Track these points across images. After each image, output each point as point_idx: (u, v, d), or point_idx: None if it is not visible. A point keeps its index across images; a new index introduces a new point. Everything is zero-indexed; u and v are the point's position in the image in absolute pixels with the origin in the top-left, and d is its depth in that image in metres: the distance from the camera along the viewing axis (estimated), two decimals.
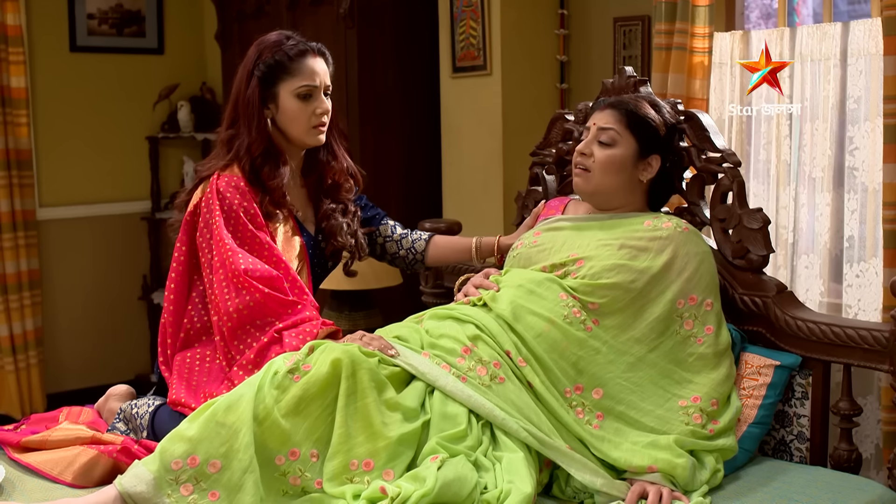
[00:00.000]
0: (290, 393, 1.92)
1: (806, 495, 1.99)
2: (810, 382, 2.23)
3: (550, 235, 2.37)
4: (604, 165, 2.28)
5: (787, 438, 2.28)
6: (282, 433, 1.88)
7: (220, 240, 2.31)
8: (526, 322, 2.13)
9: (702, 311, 2.18)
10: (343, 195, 2.57)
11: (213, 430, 1.86)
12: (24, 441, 2.29)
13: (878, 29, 2.93)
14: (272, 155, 2.41)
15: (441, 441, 1.91)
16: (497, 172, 3.79)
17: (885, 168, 2.79)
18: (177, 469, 1.82)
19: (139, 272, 5.27)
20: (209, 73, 5.36)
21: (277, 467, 1.87)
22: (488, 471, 1.90)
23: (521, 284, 2.22)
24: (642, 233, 2.24)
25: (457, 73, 3.89)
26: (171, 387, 2.31)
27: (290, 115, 2.41)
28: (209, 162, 2.48)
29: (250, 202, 2.36)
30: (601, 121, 2.30)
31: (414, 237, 2.72)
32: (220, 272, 2.30)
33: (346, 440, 1.90)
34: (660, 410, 2.10)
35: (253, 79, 2.40)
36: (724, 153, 2.35)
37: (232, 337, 2.26)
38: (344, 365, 1.95)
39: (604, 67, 3.76)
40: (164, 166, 5.29)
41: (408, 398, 2.00)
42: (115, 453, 2.13)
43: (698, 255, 2.22)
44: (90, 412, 2.55)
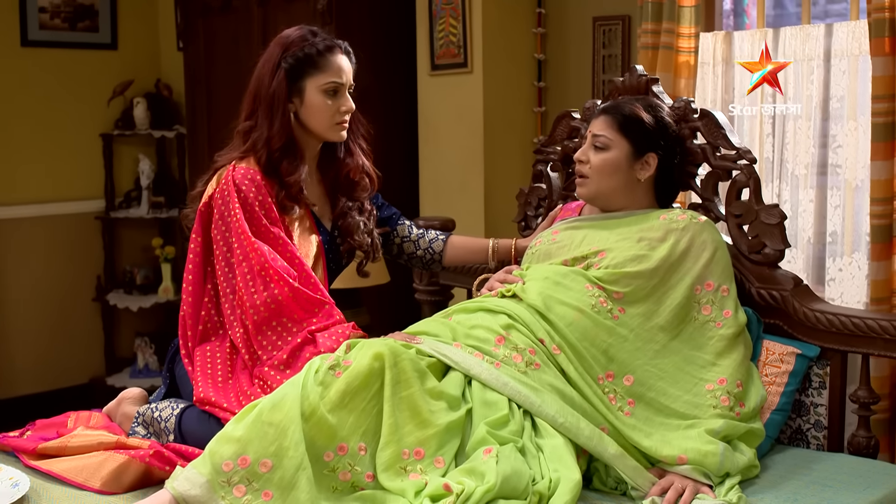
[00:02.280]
0: (334, 388, 1.92)
1: (837, 481, 2.06)
2: (828, 372, 2.30)
3: (569, 233, 2.41)
4: (599, 169, 2.35)
5: (804, 427, 2.35)
6: (329, 428, 1.88)
7: (242, 232, 2.28)
8: (556, 312, 2.17)
9: (719, 297, 2.24)
10: (359, 193, 2.56)
11: (261, 430, 1.85)
12: (42, 448, 2.23)
13: (861, 30, 3.03)
14: (291, 149, 2.39)
15: (490, 429, 1.92)
16: (478, 170, 3.81)
17: (872, 165, 2.89)
18: (228, 471, 1.80)
19: (93, 273, 5.14)
20: (164, 70, 5.26)
21: (326, 464, 1.87)
22: (534, 458, 1.93)
23: (547, 276, 2.26)
24: (659, 225, 2.31)
25: (435, 71, 3.89)
26: (196, 384, 2.26)
27: (314, 111, 2.39)
28: (225, 153, 2.45)
29: (266, 195, 2.34)
30: (595, 128, 2.37)
31: (430, 237, 2.73)
32: (243, 265, 2.27)
33: (395, 430, 1.91)
34: (688, 395, 2.14)
35: (279, 71, 2.37)
36: (740, 150, 2.41)
37: (257, 331, 2.24)
38: (386, 356, 1.96)
39: (582, 66, 3.81)
40: (119, 164, 5.18)
41: (450, 386, 2.02)
42: (148, 458, 2.09)
43: (713, 243, 2.28)
44: (100, 416, 2.49)
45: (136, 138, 5.12)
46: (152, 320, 5.27)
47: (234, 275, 2.30)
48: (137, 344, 5.17)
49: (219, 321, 2.37)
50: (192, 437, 2.20)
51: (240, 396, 2.20)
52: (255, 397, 2.17)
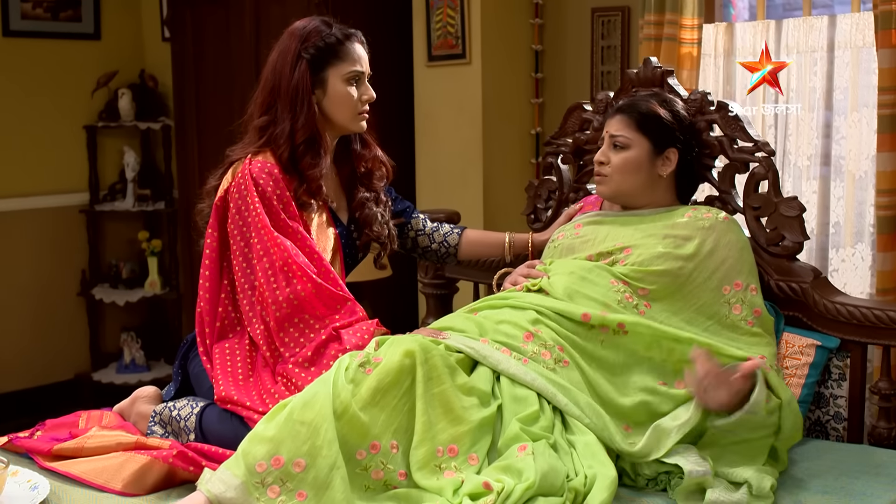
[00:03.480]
0: (365, 385, 1.90)
1: (865, 473, 2.06)
2: (848, 364, 2.31)
3: (592, 228, 2.40)
4: (620, 168, 2.34)
5: (824, 419, 2.36)
6: (361, 426, 1.85)
7: (263, 226, 2.25)
8: (584, 306, 2.15)
9: (748, 296, 2.23)
10: (376, 183, 2.54)
11: (293, 429, 1.82)
12: (57, 449, 2.18)
13: (864, 22, 3.05)
14: (315, 143, 2.36)
15: (522, 425, 1.91)
16: (476, 162, 3.79)
17: (878, 157, 2.91)
18: (261, 471, 1.78)
19: (77, 267, 5.06)
20: (148, 60, 5.17)
21: (359, 462, 1.84)
22: (567, 454, 1.92)
23: (572, 271, 2.25)
24: (684, 223, 2.30)
25: (432, 62, 3.86)
26: (217, 382, 2.23)
27: (338, 101, 2.36)
28: (239, 148, 2.41)
29: (283, 190, 2.30)
30: (612, 128, 2.36)
31: (445, 231, 2.71)
32: (264, 260, 2.24)
33: (429, 427, 1.89)
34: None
35: (301, 62, 2.33)
36: (758, 143, 2.41)
37: (279, 328, 2.21)
38: (417, 353, 1.94)
39: (580, 57, 3.80)
40: (103, 156, 5.09)
41: (480, 381, 2.00)
42: (172, 458, 2.05)
43: (739, 243, 2.28)
44: (112, 415, 2.45)
45: (121, 130, 5.03)
46: (138, 314, 5.20)
47: (254, 270, 2.26)
48: (124, 339, 5.09)
49: (236, 317, 2.34)
50: (214, 435, 2.17)
51: (262, 394, 2.17)
52: (279, 395, 2.14)
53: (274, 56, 2.39)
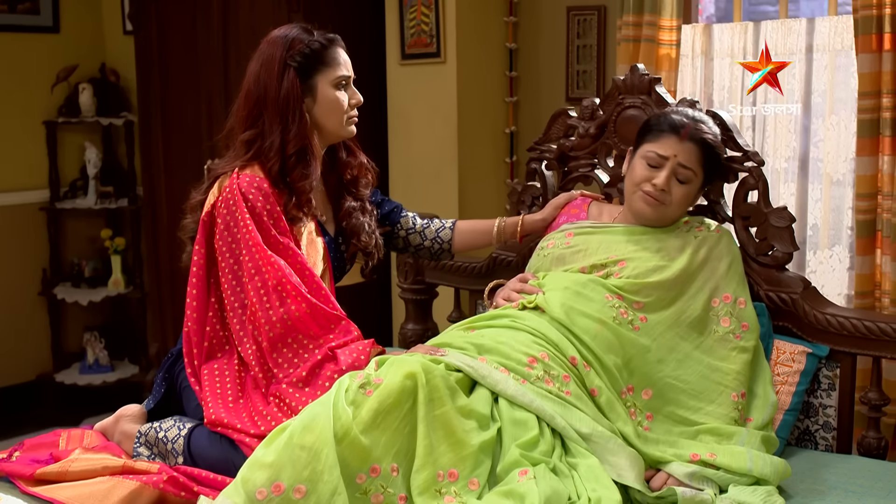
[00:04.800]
0: (366, 407, 1.86)
1: (858, 486, 2.08)
2: (837, 374, 2.32)
3: (584, 238, 2.38)
4: (679, 202, 2.31)
5: (813, 428, 2.37)
6: (362, 450, 1.82)
7: (255, 244, 2.19)
8: (580, 324, 2.14)
9: (737, 309, 2.25)
10: (362, 190, 2.50)
11: (293, 454, 1.78)
12: (40, 473, 2.11)
13: (843, 26, 3.06)
14: (306, 153, 2.31)
15: (522, 451, 1.89)
16: (451, 162, 3.75)
17: (857, 161, 2.92)
18: (262, 499, 1.73)
19: (38, 266, 4.94)
20: (109, 54, 5.05)
21: (359, 486, 1.81)
22: (567, 477, 1.90)
23: (566, 287, 2.22)
24: (677, 234, 2.31)
25: (406, 60, 3.81)
26: (206, 405, 2.17)
27: (328, 107, 2.32)
28: (224, 162, 2.34)
29: (274, 205, 2.25)
30: (684, 157, 2.28)
31: (436, 226, 2.67)
32: (255, 279, 2.18)
33: (430, 451, 1.85)
34: (710, 407, 2.15)
35: (288, 71, 2.27)
36: (748, 152, 2.40)
37: (272, 349, 2.16)
38: (418, 374, 1.91)
39: (554, 56, 3.77)
40: (63, 153, 4.96)
41: (478, 404, 1.97)
42: (162, 483, 2.00)
43: (730, 255, 2.30)
44: (94, 435, 2.37)
45: (82, 126, 4.91)
46: (101, 314, 5.10)
47: (244, 289, 2.21)
48: (87, 338, 4.99)
49: (225, 336, 2.28)
50: (204, 458, 2.12)
51: (254, 416, 2.12)
52: (271, 416, 2.09)
53: (255, 66, 2.32)
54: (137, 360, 5.05)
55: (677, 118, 2.31)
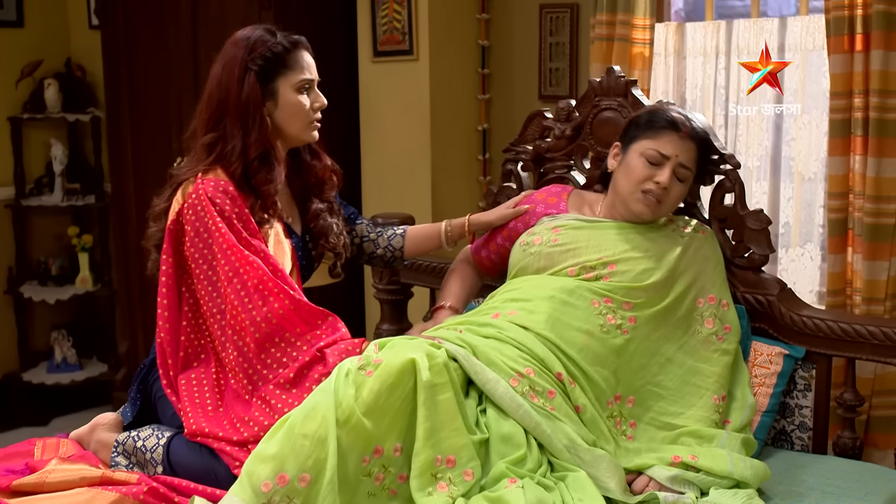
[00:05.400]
0: (367, 387, 1.85)
1: (836, 487, 2.10)
2: (813, 375, 2.35)
3: (572, 234, 2.33)
4: (675, 199, 2.32)
5: (789, 428, 2.39)
6: (366, 433, 1.82)
7: (230, 247, 2.16)
8: (566, 337, 2.12)
9: (720, 311, 2.26)
10: (328, 192, 2.48)
11: (296, 444, 1.78)
12: (17, 485, 2.07)
13: (814, 25, 3.08)
14: (268, 157, 2.28)
15: (509, 466, 1.89)
16: (425, 160, 3.74)
17: (829, 160, 2.95)
18: (267, 491, 1.73)
19: (4, 264, 4.86)
20: (74, 49, 4.97)
21: (364, 469, 1.82)
22: (552, 490, 1.89)
23: (552, 295, 2.19)
24: (663, 234, 2.31)
25: (378, 58, 3.79)
26: (186, 415, 2.15)
27: (290, 111, 2.29)
28: (186, 167, 2.31)
29: (241, 207, 2.23)
30: (684, 156, 2.27)
31: (389, 234, 2.65)
32: (234, 282, 2.15)
33: (431, 435, 1.85)
34: (691, 411, 2.16)
35: (249, 75, 2.24)
36: (724, 155, 2.41)
37: (259, 349, 2.13)
38: (419, 358, 1.89)
39: (527, 54, 3.77)
40: (29, 149, 4.87)
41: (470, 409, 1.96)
42: (143, 495, 1.98)
43: (714, 257, 2.32)
44: (69, 443, 2.33)
45: (48, 122, 4.82)
46: (68, 312, 5.03)
47: (222, 294, 2.18)
48: (54, 337, 4.92)
49: (200, 345, 2.26)
50: (184, 468, 2.10)
51: (235, 423, 2.10)
52: (254, 422, 2.08)
53: (218, 69, 2.29)
54: (106, 359, 4.99)
55: (675, 115, 2.29)
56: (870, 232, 2.84)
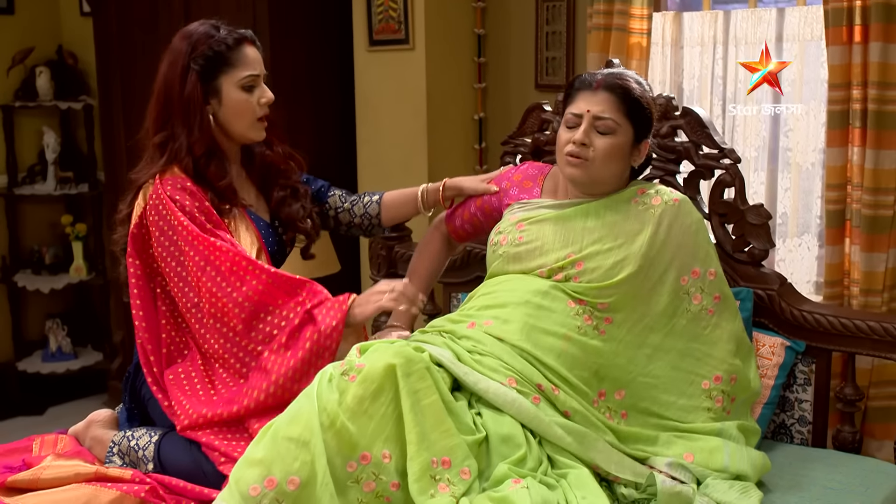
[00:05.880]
0: (350, 393, 1.85)
1: (836, 482, 2.12)
2: (813, 370, 2.35)
3: (535, 230, 2.24)
4: (606, 154, 2.16)
5: (788, 422, 2.40)
6: (350, 437, 1.81)
7: (195, 237, 2.16)
8: (543, 345, 2.07)
9: (707, 282, 2.17)
10: (289, 178, 2.46)
11: (281, 448, 1.78)
12: (11, 481, 2.08)
13: (813, 16, 3.07)
14: (216, 153, 2.28)
15: (511, 467, 1.88)
16: (421, 150, 3.72)
17: (827, 152, 2.94)
18: (256, 495, 1.73)
19: None
20: (65, 36, 4.93)
21: (350, 475, 1.80)
22: (555, 489, 1.89)
23: (527, 300, 2.13)
24: (633, 213, 2.19)
25: (373, 47, 3.77)
26: (181, 407, 2.14)
27: (235, 109, 2.27)
28: (141, 169, 2.30)
29: (202, 200, 2.23)
30: (596, 107, 2.15)
31: (365, 201, 2.60)
32: (207, 269, 2.15)
33: (423, 438, 1.84)
34: (682, 400, 2.13)
35: (190, 74, 2.23)
36: (724, 150, 2.41)
37: (248, 328, 2.13)
38: (399, 366, 1.88)
39: (524, 42, 3.75)
40: (21, 137, 4.85)
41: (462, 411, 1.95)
42: (144, 493, 1.98)
43: (693, 226, 2.20)
44: (67, 439, 2.35)
45: (40, 110, 4.80)
46: (62, 301, 5.02)
47: (196, 286, 2.18)
48: (49, 326, 4.92)
49: (182, 341, 2.27)
50: (172, 465, 2.12)
51: (231, 403, 2.11)
52: (252, 388, 2.10)
53: (164, 66, 2.28)
54: (101, 348, 4.99)
55: (588, 75, 2.23)
56: (868, 223, 2.84)
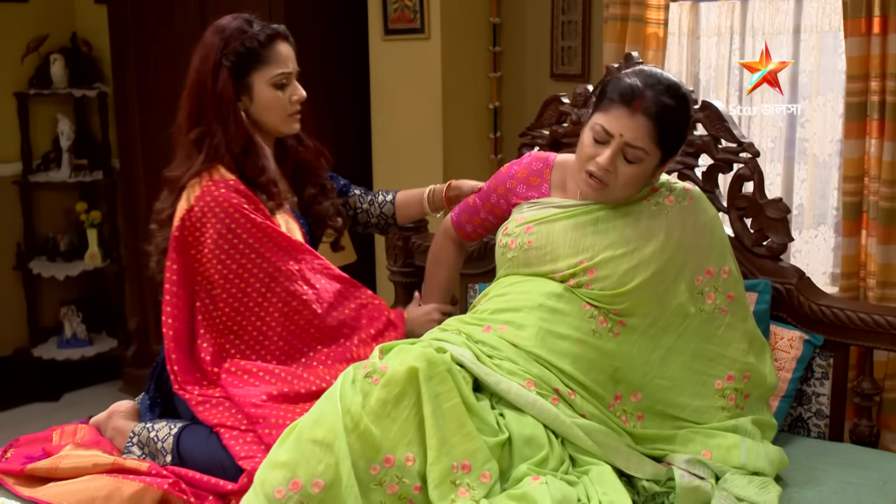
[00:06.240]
0: (374, 396, 1.86)
1: (855, 475, 2.12)
2: (831, 364, 2.36)
3: (545, 232, 2.18)
4: (627, 183, 2.08)
5: (806, 415, 2.41)
6: (374, 440, 1.82)
7: (277, 234, 2.23)
8: (558, 350, 2.06)
9: (720, 281, 2.13)
10: (319, 175, 2.49)
11: (306, 450, 1.79)
12: (30, 469, 2.10)
13: (831, 7, 3.06)
14: (251, 149, 2.29)
15: (531, 467, 1.90)
16: (436, 139, 3.72)
17: (844, 144, 2.94)
18: (281, 497, 1.74)
19: (12, 240, 4.87)
20: (79, 24, 4.93)
21: (373, 477, 1.81)
22: (575, 485, 1.90)
23: (541, 304, 2.10)
24: (645, 214, 2.13)
25: (389, 36, 3.76)
26: (248, 396, 2.14)
27: (266, 106, 2.29)
28: (179, 167, 2.30)
29: (256, 201, 2.25)
30: (630, 133, 2.02)
31: (380, 201, 2.65)
32: (291, 263, 2.23)
33: (443, 443, 1.85)
34: (697, 402, 2.12)
35: (222, 70, 2.24)
36: (743, 144, 2.41)
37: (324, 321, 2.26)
38: (421, 369, 1.89)
39: (539, 31, 3.74)
40: (35, 125, 4.86)
41: (485, 412, 1.96)
42: (167, 485, 2.00)
43: (707, 224, 2.15)
44: (87, 429, 2.36)
45: (54, 97, 4.80)
46: (77, 288, 5.04)
47: (265, 284, 2.21)
48: (63, 312, 4.94)
49: (239, 344, 2.25)
50: (191, 458, 2.13)
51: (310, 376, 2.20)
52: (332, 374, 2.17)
53: (196, 61, 2.28)
54: (116, 334, 5.01)
55: (630, 82, 2.04)
56: (885, 216, 2.84)
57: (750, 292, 2.32)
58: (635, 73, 2.09)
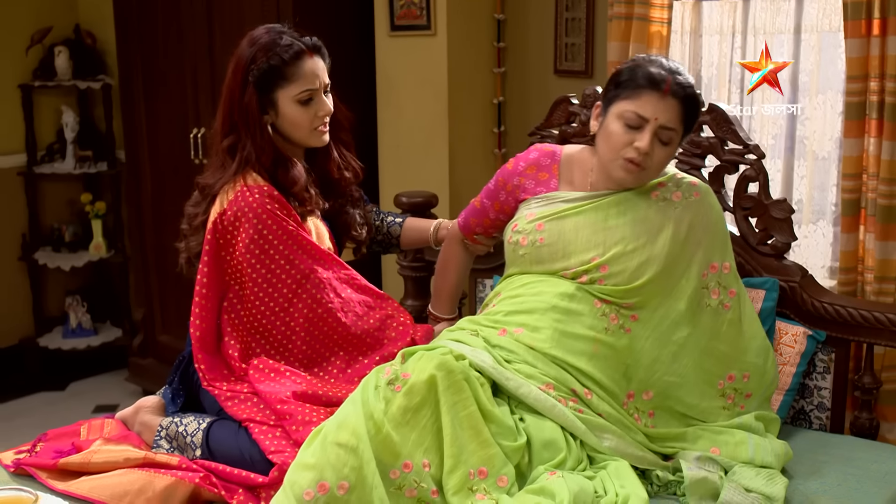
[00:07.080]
0: (396, 403, 1.94)
1: (856, 467, 2.21)
2: (833, 359, 2.44)
3: (556, 228, 2.24)
4: (661, 164, 2.18)
5: (808, 408, 2.49)
6: (394, 446, 1.90)
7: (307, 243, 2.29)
8: (574, 349, 2.13)
9: (723, 276, 2.22)
10: (345, 188, 2.54)
11: (331, 453, 1.86)
12: (63, 463, 2.17)
13: (832, 7, 3.13)
14: (282, 160, 2.35)
15: (548, 467, 1.98)
16: (442, 135, 3.78)
17: (844, 142, 3.01)
18: (309, 499, 1.81)
19: (17, 231, 4.91)
20: (82, 15, 4.97)
21: (392, 481, 1.89)
22: (592, 479, 1.98)
23: (554, 305, 2.17)
24: (654, 209, 2.21)
25: (395, 32, 3.81)
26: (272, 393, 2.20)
27: (291, 122, 2.33)
28: (212, 175, 2.36)
29: (289, 208, 2.31)
30: (665, 115, 2.11)
31: (389, 221, 2.72)
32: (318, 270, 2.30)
33: (460, 451, 1.93)
34: (704, 403, 2.21)
35: (248, 85, 2.29)
36: (749, 145, 2.48)
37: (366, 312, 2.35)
38: (439, 379, 1.97)
39: (543, 27, 3.80)
40: (40, 117, 4.90)
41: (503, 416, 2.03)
42: (198, 479, 2.07)
43: (713, 219, 2.24)
44: (113, 424, 2.42)
45: (59, 89, 4.84)
46: (81, 278, 5.09)
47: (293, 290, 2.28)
48: (68, 303, 4.99)
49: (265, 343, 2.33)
50: (220, 452, 2.19)
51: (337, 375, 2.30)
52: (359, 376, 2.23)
53: (229, 71, 2.34)
54: (121, 324, 5.07)
55: (655, 71, 2.12)
56: (883, 213, 2.91)
57: (758, 290, 2.41)
58: (647, 61, 2.18)
